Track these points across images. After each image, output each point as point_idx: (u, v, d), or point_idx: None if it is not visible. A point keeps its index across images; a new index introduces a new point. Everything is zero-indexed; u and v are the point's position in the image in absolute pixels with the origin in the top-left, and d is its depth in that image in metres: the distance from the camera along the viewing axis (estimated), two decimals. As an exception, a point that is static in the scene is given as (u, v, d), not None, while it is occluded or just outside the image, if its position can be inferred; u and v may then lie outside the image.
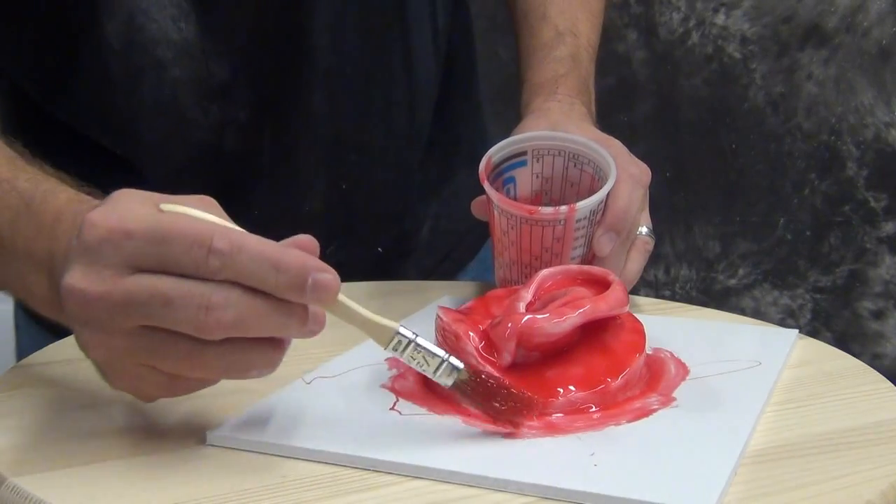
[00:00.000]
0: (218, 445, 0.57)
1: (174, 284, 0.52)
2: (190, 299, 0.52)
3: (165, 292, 0.52)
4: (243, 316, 0.52)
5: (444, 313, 0.65)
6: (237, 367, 0.54)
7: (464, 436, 0.58)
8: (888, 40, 1.92)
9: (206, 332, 0.52)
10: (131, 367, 0.55)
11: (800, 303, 1.99)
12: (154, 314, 0.52)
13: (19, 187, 0.62)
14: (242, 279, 0.52)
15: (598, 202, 0.76)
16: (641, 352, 0.64)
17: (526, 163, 0.81)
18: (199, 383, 0.56)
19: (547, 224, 0.76)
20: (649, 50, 1.81)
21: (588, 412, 0.61)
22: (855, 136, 1.94)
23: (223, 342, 0.53)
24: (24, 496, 0.52)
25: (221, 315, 0.52)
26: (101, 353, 0.55)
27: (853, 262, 1.98)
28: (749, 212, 1.92)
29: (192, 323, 0.52)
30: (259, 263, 0.52)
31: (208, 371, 0.55)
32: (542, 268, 0.72)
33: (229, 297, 0.52)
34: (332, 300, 0.55)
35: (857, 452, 0.58)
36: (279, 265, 0.53)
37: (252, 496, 0.52)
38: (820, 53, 1.91)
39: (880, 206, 1.96)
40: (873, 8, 1.90)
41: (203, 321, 0.52)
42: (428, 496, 0.53)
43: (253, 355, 0.54)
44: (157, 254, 0.52)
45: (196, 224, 0.53)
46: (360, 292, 0.84)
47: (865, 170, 1.95)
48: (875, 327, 2.00)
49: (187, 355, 0.53)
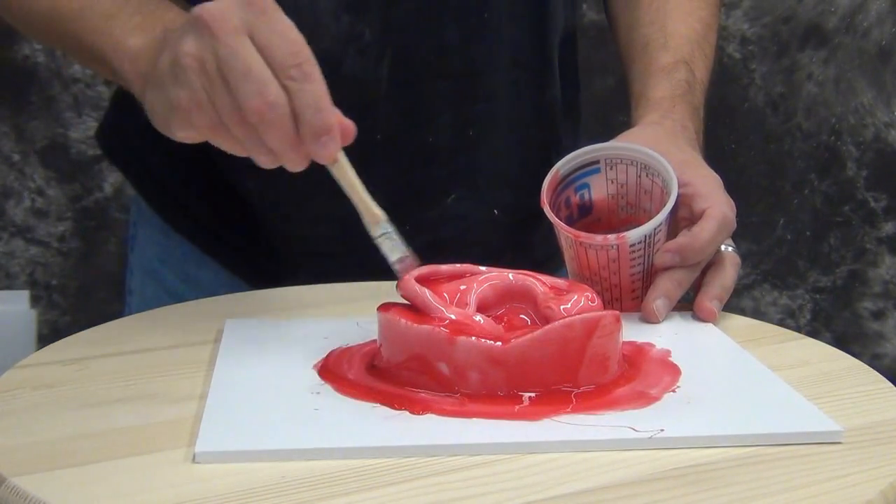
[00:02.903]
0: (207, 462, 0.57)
1: (261, 65, 0.65)
2: (260, 83, 0.65)
3: (252, 64, 0.65)
4: (274, 124, 0.66)
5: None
6: (244, 145, 0.68)
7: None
8: (888, 40, 1.92)
9: (246, 109, 0.65)
10: (191, 93, 0.67)
11: (800, 303, 1.99)
12: (233, 69, 0.65)
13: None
14: (296, 100, 0.66)
15: (653, 228, 0.78)
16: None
17: (600, 170, 0.83)
18: (217, 137, 0.69)
19: (599, 249, 0.78)
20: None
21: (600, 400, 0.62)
22: (855, 136, 1.94)
23: (246, 124, 0.66)
24: (23, 496, 0.52)
25: (265, 112, 0.65)
26: (190, 61, 0.67)
27: (853, 262, 1.98)
28: (749, 212, 1.92)
29: (246, 97, 0.65)
30: (313, 99, 0.66)
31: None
32: (606, 283, 0.78)
33: (276, 103, 0.65)
34: (330, 159, 0.69)
35: (857, 452, 0.58)
36: (321, 109, 0.66)
37: (252, 496, 0.52)
38: (820, 53, 1.91)
39: (880, 206, 1.96)
40: (873, 8, 1.90)
41: (250, 103, 0.65)
42: (428, 496, 0.53)
43: (257, 149, 0.68)
44: (268, 37, 0.66)
45: (299, 38, 0.67)
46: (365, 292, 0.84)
47: (865, 170, 1.95)
48: (875, 327, 2.00)
49: (224, 107, 0.66)
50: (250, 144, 0.68)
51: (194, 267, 0.98)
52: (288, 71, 0.66)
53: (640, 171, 0.82)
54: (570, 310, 0.65)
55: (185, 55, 0.67)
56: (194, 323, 0.77)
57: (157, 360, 0.70)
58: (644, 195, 0.82)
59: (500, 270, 0.70)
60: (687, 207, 0.80)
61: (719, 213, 0.79)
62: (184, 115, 0.69)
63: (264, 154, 0.69)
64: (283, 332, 0.75)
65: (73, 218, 1.84)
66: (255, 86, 0.65)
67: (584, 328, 0.63)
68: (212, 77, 0.66)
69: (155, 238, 1.00)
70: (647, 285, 0.80)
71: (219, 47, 0.66)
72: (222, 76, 0.66)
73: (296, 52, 0.66)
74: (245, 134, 0.67)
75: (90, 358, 0.70)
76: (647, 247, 0.78)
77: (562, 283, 0.69)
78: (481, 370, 0.62)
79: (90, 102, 1.81)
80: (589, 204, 0.84)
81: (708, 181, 0.81)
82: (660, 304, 0.78)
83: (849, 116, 1.94)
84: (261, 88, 0.65)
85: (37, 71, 1.79)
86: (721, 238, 0.80)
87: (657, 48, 0.93)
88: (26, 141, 1.80)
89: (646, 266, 0.79)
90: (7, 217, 1.82)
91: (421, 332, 0.63)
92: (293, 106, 0.66)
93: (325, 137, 0.67)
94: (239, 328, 0.75)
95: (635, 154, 0.81)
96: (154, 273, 1.01)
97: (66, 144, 1.81)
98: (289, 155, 0.68)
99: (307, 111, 0.66)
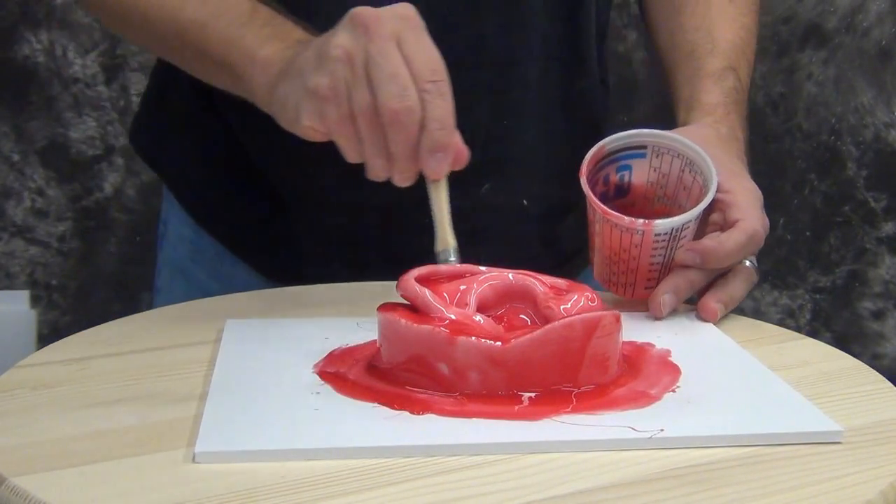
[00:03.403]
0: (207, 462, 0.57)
1: (406, 71, 0.70)
2: (403, 87, 0.70)
3: (399, 69, 0.70)
4: (404, 128, 0.70)
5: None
6: (364, 146, 0.72)
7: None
8: (888, 40, 1.92)
9: (383, 109, 0.70)
10: (331, 83, 0.71)
11: (799, 303, 1.99)
12: (381, 69, 0.70)
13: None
14: (426, 112, 0.70)
15: (682, 223, 0.78)
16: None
17: (645, 155, 0.83)
18: (345, 142, 0.73)
19: (624, 230, 0.78)
20: (649, 50, 1.81)
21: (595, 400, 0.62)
22: (855, 136, 1.94)
23: (376, 123, 0.71)
24: (24, 496, 0.52)
25: (401, 114, 0.70)
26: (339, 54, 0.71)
27: (853, 262, 1.98)
28: (749, 212, 1.92)
29: (387, 97, 0.70)
30: (441, 115, 0.71)
31: (350, 126, 0.72)
32: (623, 265, 0.79)
33: (414, 109, 0.70)
34: (439, 176, 0.74)
35: (857, 452, 0.58)
36: (446, 126, 0.71)
37: (252, 496, 0.52)
38: (820, 53, 1.91)
39: (880, 206, 1.96)
40: (873, 8, 1.90)
41: (390, 103, 0.69)
42: (428, 496, 0.53)
43: (376, 153, 0.72)
44: (414, 49, 0.70)
45: (440, 58, 0.71)
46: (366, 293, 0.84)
47: (865, 170, 1.95)
48: (875, 327, 2.00)
49: (360, 102, 0.70)
50: (371, 146, 0.72)
51: (227, 265, 0.98)
52: (425, 84, 0.70)
53: (685, 166, 0.82)
54: (570, 310, 0.66)
55: (336, 46, 0.71)
56: (194, 323, 0.77)
57: (157, 360, 0.70)
58: (682, 191, 0.82)
59: (500, 270, 0.70)
60: (721, 214, 0.81)
61: (750, 228, 0.80)
62: (317, 104, 0.72)
63: (381, 158, 0.72)
64: (283, 332, 0.75)
65: (73, 218, 1.84)
66: (397, 88, 0.70)
67: (584, 328, 0.63)
68: (357, 71, 0.70)
69: (186, 236, 1.00)
70: (662, 278, 0.80)
71: (371, 46, 0.70)
72: (367, 73, 0.70)
73: (435, 70, 0.71)
74: (371, 133, 0.71)
75: (90, 358, 0.70)
76: (671, 240, 0.78)
77: (562, 283, 0.69)
78: (481, 370, 0.62)
79: (90, 102, 1.81)
80: (627, 186, 0.84)
81: (748, 194, 0.82)
82: (667, 299, 0.79)
83: (849, 116, 1.94)
84: (402, 92, 0.70)
85: (37, 71, 1.79)
86: (746, 253, 0.80)
87: (705, 54, 0.93)
88: (26, 141, 1.80)
89: (666, 259, 0.79)
90: (7, 217, 1.82)
91: (421, 333, 0.63)
92: (422, 117, 0.70)
93: (441, 154, 0.72)
94: (239, 328, 0.75)
95: (684, 148, 0.82)
96: (184, 271, 1.01)
97: (66, 144, 1.81)
98: (403, 164, 0.72)
99: (433, 124, 0.71)
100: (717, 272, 0.81)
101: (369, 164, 0.73)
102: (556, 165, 0.93)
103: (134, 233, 1.86)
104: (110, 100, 1.82)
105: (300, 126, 0.74)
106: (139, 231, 1.86)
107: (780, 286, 1.98)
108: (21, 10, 1.77)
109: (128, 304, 1.85)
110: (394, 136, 0.71)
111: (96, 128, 1.82)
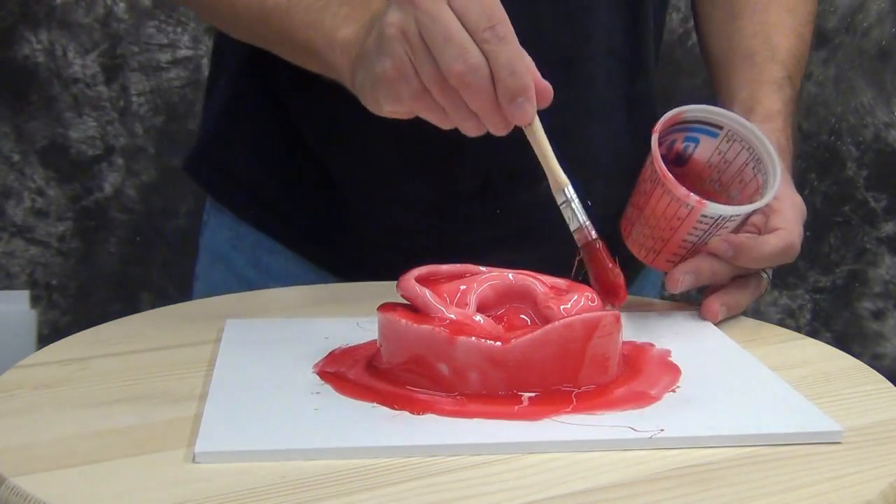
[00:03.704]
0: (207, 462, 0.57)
1: (460, 29, 0.68)
2: (460, 48, 0.67)
3: (451, 29, 0.67)
4: (476, 87, 0.68)
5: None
6: (448, 113, 0.71)
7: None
8: (888, 40, 1.92)
9: (449, 74, 0.68)
10: (395, 61, 0.70)
11: (800, 303, 2.00)
12: (434, 35, 0.68)
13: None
14: (493, 62, 0.68)
15: (730, 215, 0.77)
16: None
17: (718, 135, 0.82)
18: (419, 106, 0.72)
19: (674, 199, 0.77)
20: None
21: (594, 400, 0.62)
22: (855, 136, 1.94)
23: (449, 90, 0.69)
24: (24, 496, 0.52)
25: (467, 75, 0.68)
26: (391, 32, 0.69)
27: (853, 262, 1.98)
28: (749, 212, 1.92)
29: (448, 62, 0.68)
30: (508, 60, 0.68)
31: (428, 99, 0.70)
32: (658, 231, 0.79)
33: (478, 66, 0.68)
34: (526, 121, 0.71)
35: (857, 452, 0.58)
36: (515, 71, 0.69)
37: (252, 496, 0.52)
38: (820, 53, 1.91)
39: (880, 206, 1.96)
40: (873, 8, 1.90)
41: (453, 67, 0.68)
42: (428, 496, 0.53)
43: (461, 116, 0.71)
44: (464, 2, 0.68)
45: (493, 1, 0.68)
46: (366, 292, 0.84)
47: (865, 170, 1.95)
48: (875, 327, 2.00)
49: (427, 74, 0.69)
50: (454, 111, 0.71)
51: (266, 253, 0.97)
52: (483, 34, 0.68)
53: (751, 160, 0.81)
54: (570, 310, 0.65)
55: (388, 26, 0.69)
56: (194, 323, 0.77)
57: (157, 360, 0.70)
58: (738, 183, 0.82)
59: (500, 270, 0.70)
60: (764, 218, 0.81)
61: (789, 239, 0.80)
62: (390, 86, 0.71)
63: (469, 119, 0.71)
64: (283, 332, 0.75)
65: (73, 218, 1.84)
66: (455, 50, 0.68)
67: (584, 328, 0.63)
68: (414, 44, 0.69)
69: (227, 223, 0.99)
70: (687, 258, 0.80)
71: (419, 14, 0.68)
72: (424, 43, 0.68)
73: (489, 15, 0.68)
74: (448, 100, 0.70)
75: (90, 358, 0.70)
76: (713, 226, 0.78)
77: (562, 283, 0.69)
78: (481, 370, 0.62)
79: (90, 102, 1.81)
80: (687, 158, 0.84)
81: (795, 207, 0.82)
82: (686, 279, 0.79)
83: (849, 116, 1.94)
84: (461, 52, 0.68)
85: (37, 71, 1.79)
86: (777, 261, 0.80)
87: (766, 60, 0.94)
88: (26, 141, 1.80)
89: (700, 241, 0.79)
90: (7, 217, 1.82)
91: (421, 333, 0.63)
92: (491, 68, 0.68)
93: (520, 98, 0.69)
94: (239, 328, 0.75)
95: (759, 145, 0.81)
96: (223, 258, 1.00)
97: (66, 144, 1.81)
98: (492, 118, 0.71)
99: (503, 72, 0.68)
100: (740, 271, 0.81)
101: (460, 127, 0.72)
102: (619, 166, 0.93)
103: (134, 233, 1.86)
104: (110, 100, 1.82)
105: (383, 112, 0.73)
106: (139, 231, 1.87)
107: (780, 286, 1.98)
108: (21, 10, 1.77)
109: (128, 304, 1.85)
110: (470, 97, 0.69)
111: (96, 128, 1.82)
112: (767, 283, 0.83)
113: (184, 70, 1.83)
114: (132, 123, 1.83)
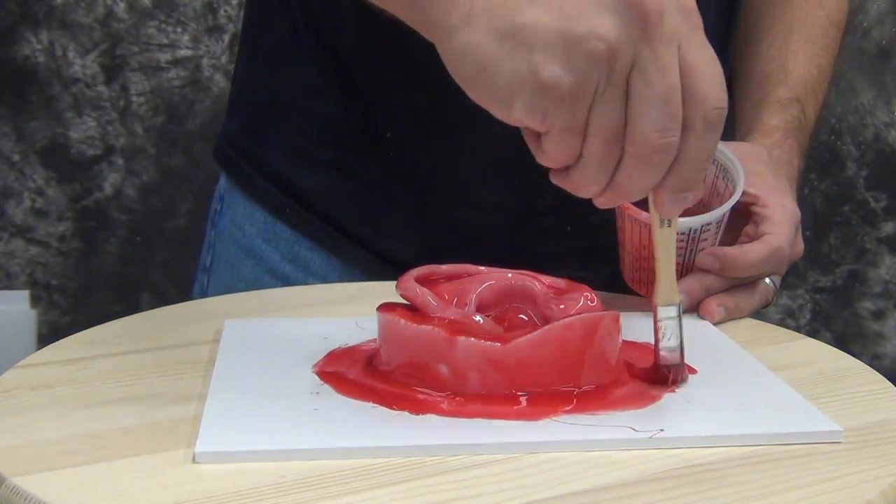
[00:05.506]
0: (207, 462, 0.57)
1: (679, 97, 0.55)
2: (669, 119, 0.55)
3: (674, 93, 0.55)
4: (651, 166, 0.57)
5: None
6: (584, 166, 0.58)
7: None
8: (888, 40, 1.92)
9: (633, 136, 0.56)
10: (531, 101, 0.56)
11: (800, 303, 2.00)
12: (652, 87, 0.55)
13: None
14: (688, 148, 0.56)
15: (700, 224, 0.78)
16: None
17: None
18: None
19: (643, 225, 0.78)
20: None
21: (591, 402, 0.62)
22: (855, 136, 1.94)
23: (615, 150, 0.57)
24: (24, 496, 0.52)
25: (657, 151, 0.56)
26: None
27: (853, 262, 1.98)
28: (749, 212, 1.92)
29: (645, 124, 0.55)
30: (706, 155, 0.57)
31: (574, 137, 0.57)
32: (643, 262, 0.79)
33: (673, 147, 0.56)
34: (674, 215, 0.61)
35: (857, 452, 0.58)
36: (703, 169, 0.58)
37: (252, 496, 0.52)
38: (820, 53, 1.91)
39: (880, 206, 1.96)
40: (873, 8, 1.90)
41: (646, 134, 0.56)
42: (428, 496, 0.53)
43: (591, 175, 0.58)
44: (696, 61, 0.56)
45: (715, 64, 0.57)
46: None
47: (865, 170, 1.95)
48: (875, 327, 2.00)
49: (604, 121, 0.56)
50: (595, 169, 0.58)
51: (304, 248, 0.94)
52: (708, 111, 0.56)
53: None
54: (569, 310, 0.66)
55: (599, 39, 0.55)
56: (194, 323, 0.77)
57: (157, 360, 0.70)
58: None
59: (500, 270, 0.70)
60: (755, 226, 0.81)
61: (775, 242, 0.80)
62: (546, 102, 0.56)
63: (595, 184, 0.59)
64: (283, 332, 0.75)
65: (73, 218, 1.84)
66: (664, 120, 0.55)
67: (584, 329, 0.63)
68: (615, 78, 0.55)
69: (257, 216, 0.96)
70: (681, 280, 0.80)
71: (646, 53, 0.55)
72: (629, 83, 0.56)
73: (720, 96, 0.57)
74: (603, 157, 0.57)
75: (90, 358, 0.70)
76: (689, 241, 0.78)
77: (562, 283, 0.69)
78: (481, 370, 0.62)
79: (90, 102, 1.81)
80: None
81: (784, 212, 0.81)
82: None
83: (849, 116, 1.94)
84: (667, 125, 0.56)
85: (37, 71, 1.79)
86: (767, 268, 0.80)
87: (775, 83, 0.94)
88: (26, 141, 1.81)
89: (685, 260, 0.79)
90: (7, 217, 1.82)
91: (420, 333, 0.63)
92: (679, 151, 0.57)
93: (687, 194, 0.59)
94: (239, 328, 0.75)
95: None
96: (254, 251, 0.96)
97: (66, 144, 1.81)
98: (625, 196, 0.59)
99: (691, 165, 0.57)
100: (734, 282, 0.81)
101: (579, 185, 0.59)
102: None
103: (134, 233, 1.86)
104: (110, 100, 1.82)
105: (511, 117, 0.58)
106: (139, 231, 1.87)
107: (780, 286, 1.98)
108: (21, 10, 1.77)
109: (128, 304, 1.85)
110: (633, 170, 0.57)
111: (96, 128, 1.82)
112: (775, 291, 0.83)
113: (184, 70, 1.83)
114: (132, 123, 1.83)
